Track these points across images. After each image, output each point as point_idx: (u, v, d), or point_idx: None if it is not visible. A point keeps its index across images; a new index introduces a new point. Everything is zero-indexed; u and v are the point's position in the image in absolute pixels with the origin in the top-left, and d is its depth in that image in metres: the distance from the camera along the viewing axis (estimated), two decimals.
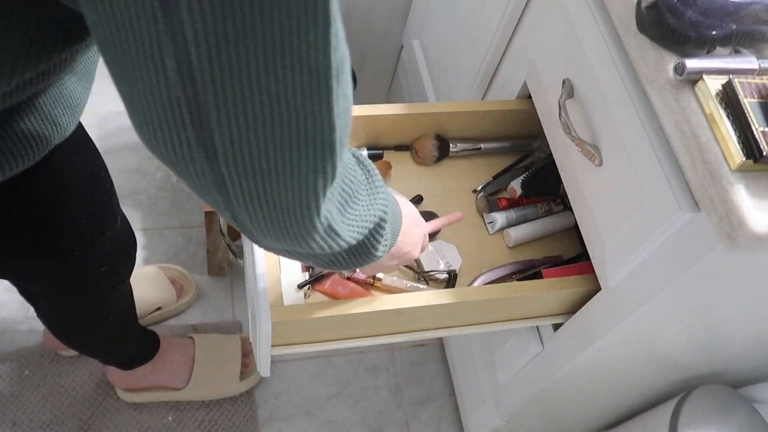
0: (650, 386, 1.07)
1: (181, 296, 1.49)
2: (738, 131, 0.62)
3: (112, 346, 1.22)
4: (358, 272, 0.93)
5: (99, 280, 1.01)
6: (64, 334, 1.16)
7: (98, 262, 0.96)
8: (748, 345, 0.97)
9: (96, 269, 0.97)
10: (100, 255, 0.95)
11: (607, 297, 0.84)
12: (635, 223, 0.75)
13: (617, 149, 0.77)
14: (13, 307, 1.45)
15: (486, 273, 0.97)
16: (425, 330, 0.92)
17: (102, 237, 0.93)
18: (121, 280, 1.08)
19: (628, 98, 0.75)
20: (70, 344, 1.22)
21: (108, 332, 1.16)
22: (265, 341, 0.81)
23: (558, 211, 1.04)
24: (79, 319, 1.09)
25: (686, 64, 0.65)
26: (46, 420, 1.33)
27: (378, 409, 1.47)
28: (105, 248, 0.95)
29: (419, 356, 1.54)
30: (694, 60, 0.65)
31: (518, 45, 1.08)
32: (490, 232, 1.02)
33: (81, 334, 1.15)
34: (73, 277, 0.95)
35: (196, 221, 1.61)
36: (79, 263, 0.92)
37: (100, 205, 0.91)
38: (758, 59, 0.67)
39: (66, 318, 1.09)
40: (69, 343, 1.21)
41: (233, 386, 1.39)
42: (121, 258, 1.03)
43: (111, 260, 1.00)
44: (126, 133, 1.72)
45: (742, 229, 0.59)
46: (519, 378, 1.10)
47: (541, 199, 1.05)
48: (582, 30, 0.83)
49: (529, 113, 1.02)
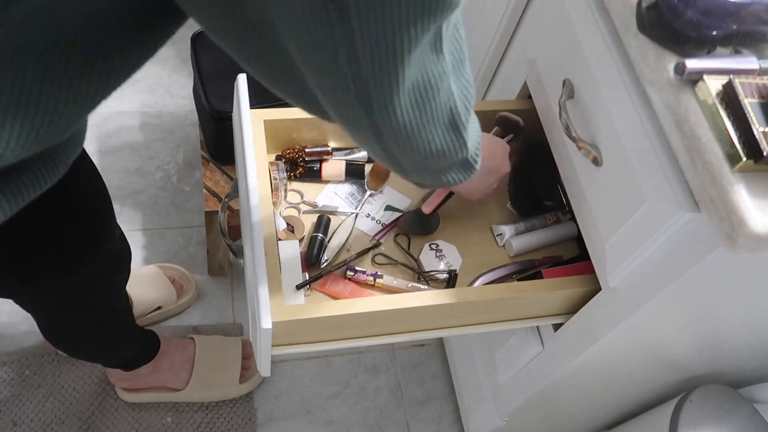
0: (650, 386, 1.07)
1: (181, 296, 1.49)
2: (738, 131, 0.62)
3: (112, 352, 1.23)
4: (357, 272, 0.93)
5: (97, 292, 1.01)
6: (62, 344, 1.16)
7: (98, 274, 0.96)
8: (749, 345, 0.97)
9: (96, 281, 0.97)
10: (101, 267, 0.96)
11: (608, 297, 0.84)
12: (635, 223, 0.75)
13: (617, 149, 0.77)
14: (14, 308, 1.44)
15: (486, 273, 0.96)
16: (425, 330, 0.92)
17: (104, 249, 0.93)
18: (118, 289, 1.09)
19: (629, 98, 0.75)
20: (70, 353, 1.22)
21: (107, 340, 1.16)
22: (265, 341, 0.81)
23: (566, 220, 1.04)
24: (78, 330, 1.09)
25: (687, 65, 0.65)
26: (46, 420, 1.33)
27: (378, 409, 1.47)
28: (106, 260, 0.96)
29: (419, 356, 1.54)
30: (694, 60, 0.65)
31: (518, 45, 1.08)
32: (498, 244, 1.02)
33: (80, 344, 1.16)
34: (74, 291, 0.95)
35: (196, 221, 1.61)
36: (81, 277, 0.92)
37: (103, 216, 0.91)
38: (758, 59, 0.67)
39: (65, 331, 1.09)
40: (68, 352, 1.21)
41: (232, 389, 1.39)
42: (118, 268, 1.04)
43: (110, 271, 1.00)
44: (126, 133, 1.72)
45: (743, 229, 0.59)
46: (519, 378, 1.10)
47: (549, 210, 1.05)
48: (582, 30, 0.83)
49: (529, 113, 1.02)
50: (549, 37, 0.93)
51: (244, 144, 0.91)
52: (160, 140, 1.72)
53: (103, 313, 1.08)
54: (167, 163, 1.69)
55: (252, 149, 0.91)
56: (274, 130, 0.99)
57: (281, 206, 1.00)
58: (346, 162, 1.03)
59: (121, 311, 1.15)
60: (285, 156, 1.02)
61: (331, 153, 1.03)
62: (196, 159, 1.70)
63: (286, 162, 1.02)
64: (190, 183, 1.67)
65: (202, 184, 1.40)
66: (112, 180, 1.64)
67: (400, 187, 1.05)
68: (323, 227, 0.97)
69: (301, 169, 1.02)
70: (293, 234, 0.96)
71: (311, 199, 1.02)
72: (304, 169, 1.02)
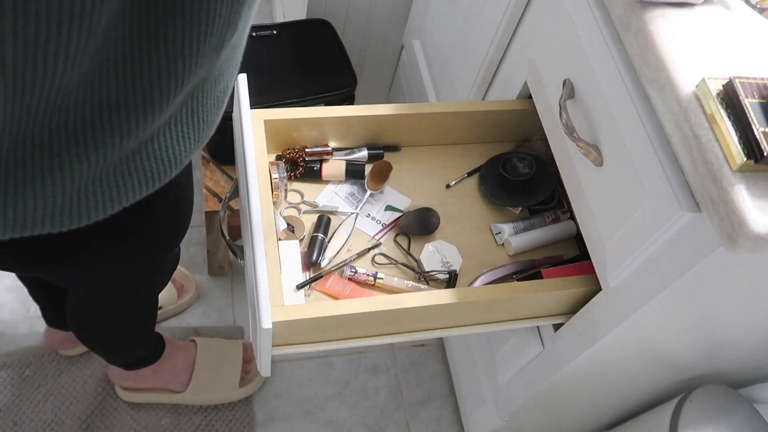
0: (651, 386, 1.07)
1: (181, 295, 1.49)
2: (739, 131, 0.62)
3: (129, 350, 1.23)
4: (357, 272, 0.93)
5: (150, 288, 1.04)
6: (87, 334, 1.16)
7: (162, 270, 1.00)
8: (749, 345, 0.97)
9: (155, 277, 1.00)
10: (169, 264, 0.99)
11: (608, 297, 0.84)
12: (636, 223, 0.75)
13: (618, 149, 0.77)
14: (14, 308, 1.45)
15: (486, 273, 0.96)
16: (425, 330, 0.92)
17: (175, 248, 0.96)
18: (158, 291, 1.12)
19: (629, 98, 0.75)
20: (88, 344, 1.21)
21: (130, 337, 1.18)
22: (265, 341, 0.81)
23: (565, 219, 1.04)
24: (109, 323, 1.10)
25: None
26: (46, 419, 1.33)
27: (378, 409, 1.47)
28: (175, 259, 0.99)
29: (419, 356, 1.54)
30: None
31: (519, 45, 1.08)
32: (497, 243, 1.02)
33: (103, 337, 1.16)
34: (134, 282, 0.97)
35: (197, 221, 1.61)
36: (153, 268, 0.95)
37: (186, 218, 0.93)
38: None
39: (98, 321, 1.09)
40: (87, 343, 1.21)
41: (232, 392, 1.39)
42: (172, 271, 1.07)
43: (170, 270, 1.04)
44: None
45: (743, 229, 0.59)
46: (519, 378, 1.10)
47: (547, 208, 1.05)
48: (582, 30, 0.83)
49: (529, 113, 1.02)
50: (549, 37, 0.93)
51: (244, 144, 0.91)
52: None
53: (138, 312, 1.10)
54: None
55: (252, 149, 0.91)
56: (274, 130, 0.99)
57: (281, 206, 1.00)
58: (346, 162, 1.03)
59: (151, 312, 1.17)
60: (285, 156, 1.02)
61: (331, 153, 1.03)
62: (196, 159, 1.69)
63: (287, 162, 1.02)
64: None
65: (202, 184, 1.40)
66: None
67: (400, 187, 1.05)
68: (323, 227, 0.97)
69: (301, 169, 1.02)
70: (293, 234, 0.96)
71: (311, 199, 1.02)
72: (305, 169, 1.02)
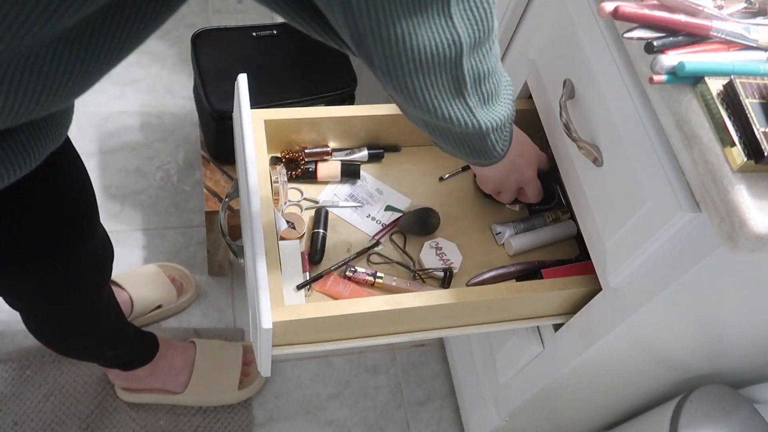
0: (651, 386, 1.07)
1: (181, 295, 1.49)
2: (739, 131, 0.62)
3: (97, 353, 1.22)
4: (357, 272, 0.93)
5: (78, 292, 1.00)
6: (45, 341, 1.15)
7: (78, 273, 0.96)
8: (749, 345, 0.97)
9: (75, 281, 0.97)
10: (81, 266, 0.95)
11: (608, 297, 0.84)
12: (636, 223, 0.75)
13: (618, 149, 0.77)
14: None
15: (486, 273, 0.96)
16: (425, 330, 0.92)
17: (84, 248, 0.93)
18: (99, 290, 1.08)
19: (629, 98, 0.75)
20: (55, 350, 1.22)
21: (90, 340, 1.16)
22: (265, 341, 0.81)
23: (565, 219, 1.04)
24: (59, 329, 1.09)
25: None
26: (46, 420, 1.33)
27: (378, 409, 1.47)
28: (86, 259, 0.95)
29: (419, 356, 1.54)
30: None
31: (519, 45, 1.08)
32: (497, 243, 1.02)
33: (62, 342, 1.15)
34: (53, 288, 0.95)
35: (196, 221, 1.61)
36: (60, 274, 0.92)
37: (85, 214, 0.90)
38: None
39: (45, 328, 1.09)
40: (53, 349, 1.21)
41: (231, 394, 1.39)
42: (98, 269, 1.03)
43: (90, 272, 0.99)
44: (126, 133, 1.72)
45: (744, 229, 0.59)
46: (519, 378, 1.10)
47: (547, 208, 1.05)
48: (582, 30, 0.83)
49: (529, 113, 1.02)
50: (549, 37, 0.93)
51: (244, 144, 0.91)
52: (160, 140, 1.72)
53: (84, 312, 1.07)
54: (167, 163, 1.69)
55: (252, 149, 0.91)
56: (274, 130, 0.99)
57: (282, 206, 1.00)
58: (341, 162, 1.03)
59: (104, 312, 1.14)
60: (285, 156, 1.02)
61: (331, 153, 1.03)
62: (197, 159, 1.70)
63: (286, 162, 1.02)
64: (190, 183, 1.67)
65: (202, 184, 1.40)
66: (112, 180, 1.64)
67: (401, 188, 1.05)
68: (323, 222, 0.97)
69: (300, 169, 1.02)
70: (294, 230, 0.96)
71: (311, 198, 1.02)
72: (303, 170, 1.02)
